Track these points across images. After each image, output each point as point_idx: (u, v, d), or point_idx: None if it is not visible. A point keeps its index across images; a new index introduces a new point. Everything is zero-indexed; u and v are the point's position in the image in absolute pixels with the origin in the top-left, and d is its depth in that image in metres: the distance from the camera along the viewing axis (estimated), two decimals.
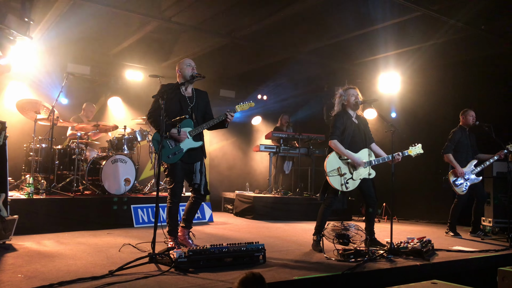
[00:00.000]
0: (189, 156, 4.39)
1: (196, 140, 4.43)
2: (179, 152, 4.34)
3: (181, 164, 4.38)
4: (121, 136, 7.05)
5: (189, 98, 4.50)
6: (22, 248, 4.28)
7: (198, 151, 4.49)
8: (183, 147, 4.35)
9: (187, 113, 4.37)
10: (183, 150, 4.35)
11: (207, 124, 4.45)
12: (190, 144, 4.39)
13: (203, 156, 4.56)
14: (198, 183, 4.47)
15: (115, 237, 5.18)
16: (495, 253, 4.96)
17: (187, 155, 4.38)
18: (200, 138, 4.50)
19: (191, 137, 4.39)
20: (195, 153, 4.45)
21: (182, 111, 4.38)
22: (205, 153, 4.62)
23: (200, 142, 4.47)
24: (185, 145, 4.37)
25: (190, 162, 4.43)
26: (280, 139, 9.00)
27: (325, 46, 7.80)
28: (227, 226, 6.86)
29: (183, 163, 4.39)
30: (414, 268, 4.08)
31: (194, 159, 4.45)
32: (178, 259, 3.50)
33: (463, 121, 6.47)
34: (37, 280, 3.04)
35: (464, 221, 6.65)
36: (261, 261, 3.91)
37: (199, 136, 4.49)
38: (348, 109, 5.02)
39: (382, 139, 6.03)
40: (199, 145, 4.46)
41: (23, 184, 6.31)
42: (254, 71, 9.59)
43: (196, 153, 4.46)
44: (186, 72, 4.46)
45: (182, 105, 4.42)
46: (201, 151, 4.55)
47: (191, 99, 4.50)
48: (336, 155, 4.82)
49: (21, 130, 7.28)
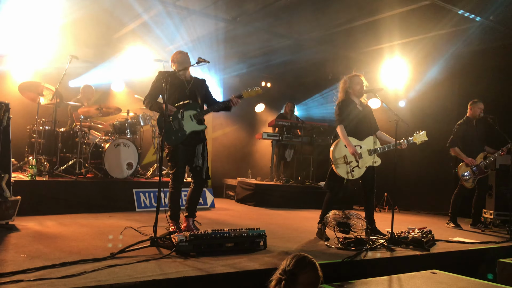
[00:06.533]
0: (191, 138, 4.44)
1: (200, 123, 4.48)
2: (182, 134, 4.37)
3: (182, 148, 4.42)
4: (124, 120, 7.04)
5: (188, 83, 4.55)
6: (25, 229, 4.31)
7: (200, 134, 4.54)
8: (186, 129, 4.40)
9: (186, 98, 4.42)
10: (186, 132, 4.39)
11: (212, 107, 4.55)
12: (194, 127, 4.44)
13: (204, 140, 4.61)
14: (200, 166, 4.50)
15: (117, 220, 5.21)
16: (495, 245, 4.98)
17: (190, 137, 4.43)
18: (204, 122, 4.55)
19: (195, 120, 4.43)
20: (197, 136, 4.51)
21: (181, 96, 4.43)
22: (205, 137, 4.67)
23: (204, 126, 4.53)
24: (188, 127, 4.41)
25: (192, 144, 4.48)
26: (283, 127, 8.98)
27: (331, 33, 7.72)
28: (228, 212, 6.89)
29: (185, 146, 4.43)
30: (414, 257, 4.10)
31: (196, 141, 4.51)
32: (180, 243, 3.52)
33: (470, 112, 6.39)
34: (39, 260, 3.07)
35: (465, 213, 6.65)
36: (261, 247, 3.93)
37: (203, 119, 4.54)
38: (353, 97, 4.99)
39: (386, 129, 6.01)
40: (202, 129, 4.51)
41: (26, 165, 6.32)
42: (258, 58, 9.51)
43: (198, 136, 4.52)
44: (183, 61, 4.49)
45: (181, 90, 4.47)
46: (203, 134, 4.60)
47: (189, 84, 4.56)
48: (342, 143, 4.80)
49: (24, 112, 7.25)
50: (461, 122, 6.41)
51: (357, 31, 7.52)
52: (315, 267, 2.08)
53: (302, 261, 2.06)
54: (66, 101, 6.90)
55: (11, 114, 4.60)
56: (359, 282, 2.89)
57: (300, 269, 2.02)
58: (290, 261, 2.06)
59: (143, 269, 3.00)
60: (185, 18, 7.64)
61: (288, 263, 2.05)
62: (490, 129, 6.23)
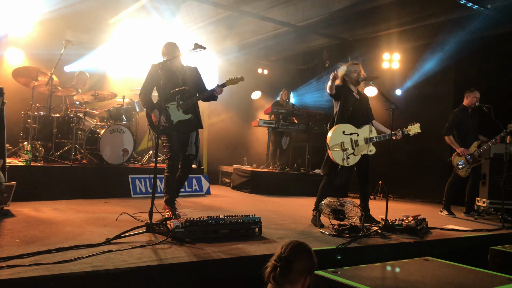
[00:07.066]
0: (183, 126, 4.58)
1: (186, 112, 4.61)
2: (170, 124, 4.52)
3: (176, 135, 4.56)
4: (120, 106, 7.00)
5: (179, 72, 4.64)
6: (20, 214, 4.30)
7: (192, 121, 4.64)
8: (173, 118, 4.56)
9: (178, 86, 4.54)
10: (173, 122, 4.55)
11: (197, 97, 4.64)
12: (180, 116, 4.60)
13: (198, 127, 4.71)
14: (194, 154, 4.66)
15: (113, 206, 5.22)
16: (488, 233, 5.03)
17: (181, 125, 4.57)
18: (191, 111, 4.64)
19: (181, 110, 4.57)
20: (189, 123, 4.62)
21: (175, 85, 4.54)
22: (201, 124, 4.75)
23: (189, 115, 4.63)
24: (175, 117, 4.57)
25: (185, 131, 4.61)
26: (280, 114, 8.96)
27: (329, 20, 7.66)
28: (224, 199, 6.91)
29: (179, 133, 4.56)
30: (408, 245, 4.14)
31: (189, 128, 4.63)
32: (175, 229, 3.54)
33: (466, 101, 6.39)
34: (35, 246, 3.07)
35: (459, 201, 6.71)
36: (257, 234, 3.95)
37: (191, 109, 4.63)
38: (350, 85, 4.99)
39: (382, 117, 6.02)
40: (188, 118, 4.62)
41: (21, 151, 6.30)
42: (255, 44, 9.45)
43: (190, 123, 4.63)
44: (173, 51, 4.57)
45: (175, 80, 4.56)
46: (196, 122, 4.69)
47: (181, 73, 4.65)
48: (339, 130, 4.81)
49: (19, 97, 7.18)
50: (457, 110, 6.42)
51: (355, 18, 7.48)
52: (310, 253, 2.09)
53: (297, 248, 2.07)
54: (62, 87, 6.83)
55: (5, 99, 4.56)
56: (353, 268, 2.92)
57: (295, 255, 2.03)
58: (285, 248, 2.06)
59: (138, 255, 3.02)
60: (182, 3, 7.56)
61: (283, 250, 2.06)
62: (485, 118, 6.25)
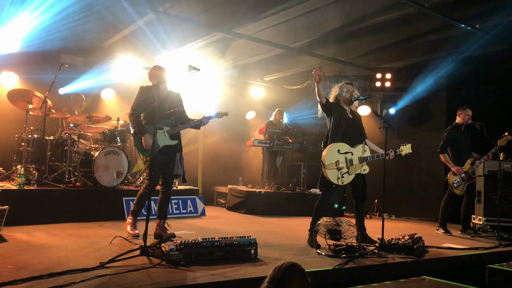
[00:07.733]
0: (168, 149, 4.76)
1: (172, 138, 4.78)
2: (156, 148, 4.62)
3: (160, 157, 4.69)
4: (114, 128, 7.00)
5: (166, 97, 4.80)
6: (12, 239, 4.25)
7: (176, 146, 4.86)
8: (160, 143, 4.69)
9: (165, 110, 4.72)
10: (160, 146, 4.69)
11: (184, 126, 4.85)
12: (167, 141, 4.76)
13: (180, 150, 4.93)
14: (181, 174, 4.90)
15: (107, 229, 5.16)
16: (485, 251, 5.01)
17: (166, 149, 4.74)
18: (177, 137, 4.84)
19: (168, 135, 4.73)
20: (173, 147, 4.82)
21: (162, 110, 4.66)
22: (181, 147, 4.97)
23: (176, 141, 4.82)
24: (162, 141, 4.71)
25: (168, 154, 4.79)
26: (274, 134, 8.99)
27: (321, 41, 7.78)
28: (219, 220, 6.86)
29: (162, 155, 4.72)
30: (405, 264, 4.11)
31: (173, 151, 4.82)
32: (170, 252, 3.50)
33: (459, 118, 6.46)
34: (27, 271, 3.02)
35: (455, 219, 6.70)
36: (252, 255, 3.91)
37: (176, 135, 4.82)
38: (343, 104, 5.04)
39: (374, 135, 6.07)
40: (174, 144, 4.81)
41: (14, 174, 6.24)
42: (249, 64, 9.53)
43: (174, 147, 4.83)
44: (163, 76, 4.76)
45: (162, 104, 4.68)
46: (179, 146, 4.91)
47: (168, 98, 4.83)
48: (334, 149, 4.84)
49: (13, 120, 7.17)
50: (450, 127, 6.49)
51: (346, 38, 7.59)
52: (304, 274, 2.07)
53: (290, 269, 2.05)
54: (56, 110, 6.83)
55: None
56: None
57: (288, 277, 2.01)
58: (278, 270, 2.04)
59: (132, 279, 2.97)
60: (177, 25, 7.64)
61: (276, 272, 2.04)
62: (477, 135, 6.31)
